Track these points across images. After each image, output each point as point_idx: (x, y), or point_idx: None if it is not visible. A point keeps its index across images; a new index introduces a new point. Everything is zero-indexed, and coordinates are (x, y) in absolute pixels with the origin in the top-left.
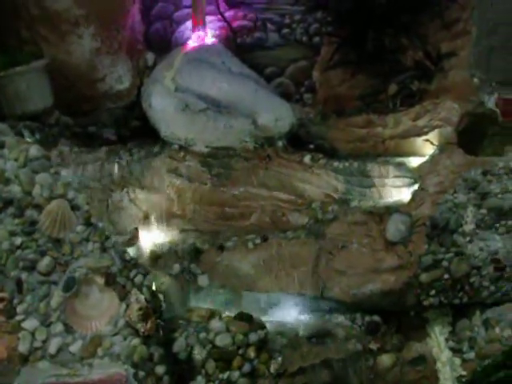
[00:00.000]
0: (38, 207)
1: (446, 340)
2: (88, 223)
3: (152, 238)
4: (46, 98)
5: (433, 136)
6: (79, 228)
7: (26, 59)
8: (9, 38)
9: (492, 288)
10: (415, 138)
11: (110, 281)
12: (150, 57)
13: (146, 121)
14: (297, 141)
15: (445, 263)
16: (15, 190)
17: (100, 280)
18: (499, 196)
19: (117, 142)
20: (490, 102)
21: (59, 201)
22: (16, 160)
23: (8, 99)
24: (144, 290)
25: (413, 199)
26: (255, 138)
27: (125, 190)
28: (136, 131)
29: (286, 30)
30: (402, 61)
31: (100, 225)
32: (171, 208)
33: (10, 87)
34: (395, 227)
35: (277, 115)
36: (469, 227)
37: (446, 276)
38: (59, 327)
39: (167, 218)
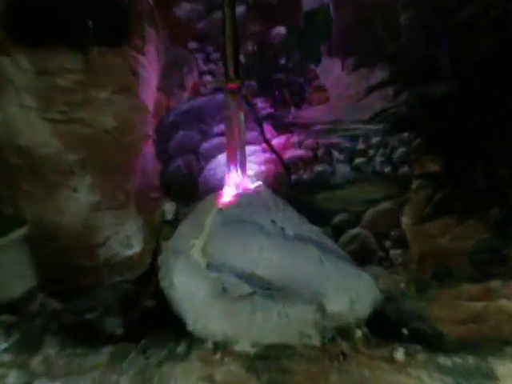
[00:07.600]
0: None
1: None
2: None
3: None
4: (27, 278)
5: None
6: None
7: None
8: None
9: None
10: None
11: None
12: (168, 208)
13: (165, 300)
14: (383, 324)
15: None
16: None
17: None
18: None
19: (125, 338)
20: None
21: None
22: None
23: None
24: None
25: None
26: (322, 330)
27: None
28: (151, 316)
29: (359, 160)
30: None
31: None
32: None
33: None
34: None
35: (352, 295)
36: None
37: None
38: None
39: None
